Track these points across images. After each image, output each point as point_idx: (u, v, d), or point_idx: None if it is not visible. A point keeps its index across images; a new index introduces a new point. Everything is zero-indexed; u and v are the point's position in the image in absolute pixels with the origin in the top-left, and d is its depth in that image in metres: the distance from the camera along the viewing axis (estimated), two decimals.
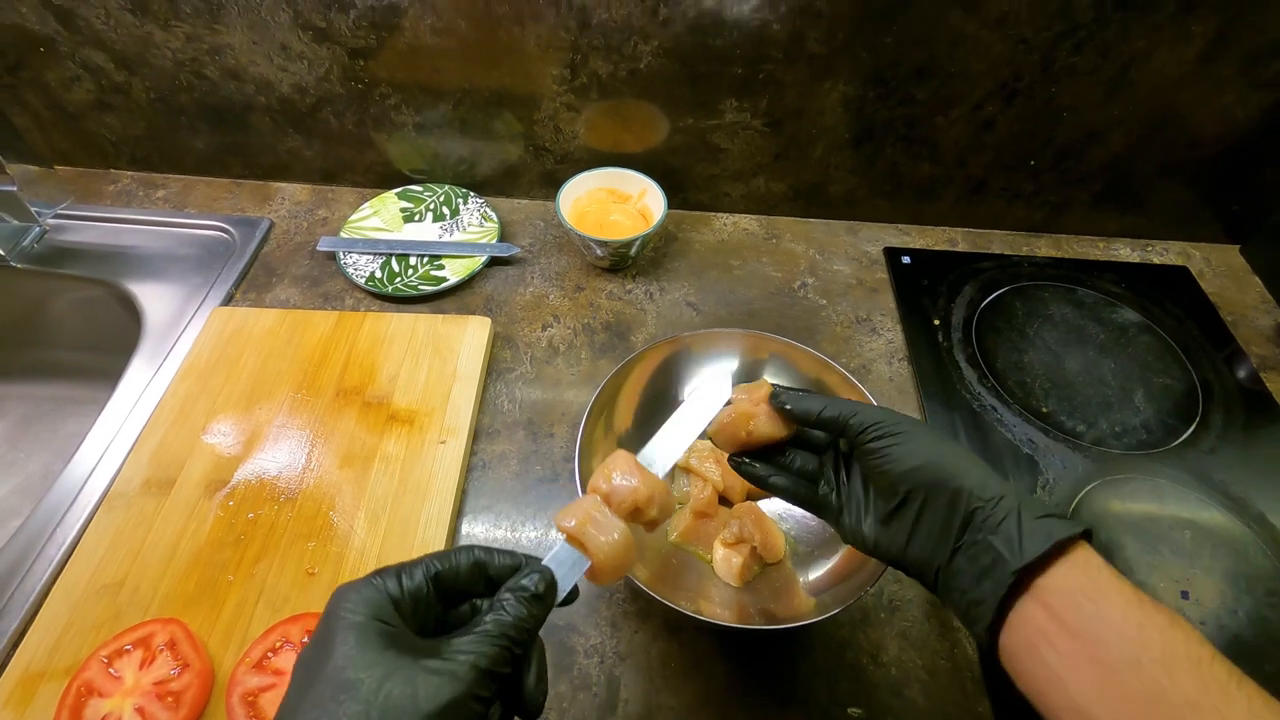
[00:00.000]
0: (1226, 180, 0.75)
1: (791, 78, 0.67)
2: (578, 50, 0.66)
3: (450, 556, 0.31)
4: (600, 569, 0.33)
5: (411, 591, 0.29)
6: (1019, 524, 0.32)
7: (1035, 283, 0.74)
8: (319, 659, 0.26)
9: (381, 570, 0.30)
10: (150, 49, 0.68)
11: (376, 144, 0.76)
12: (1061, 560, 0.31)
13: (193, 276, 0.70)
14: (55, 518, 0.53)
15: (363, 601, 0.27)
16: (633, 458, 0.37)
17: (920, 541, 0.35)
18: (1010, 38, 0.63)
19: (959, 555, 0.33)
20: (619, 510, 0.35)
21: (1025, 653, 0.31)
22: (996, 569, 0.31)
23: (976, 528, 0.33)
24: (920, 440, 0.36)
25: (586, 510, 0.34)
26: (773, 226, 0.80)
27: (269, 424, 0.57)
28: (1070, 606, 0.30)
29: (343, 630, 0.26)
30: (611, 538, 0.34)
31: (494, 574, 0.31)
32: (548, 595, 0.31)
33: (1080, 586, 0.30)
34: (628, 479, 0.36)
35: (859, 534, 0.38)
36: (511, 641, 0.28)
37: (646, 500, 0.35)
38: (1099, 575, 0.30)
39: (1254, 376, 0.67)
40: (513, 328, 0.68)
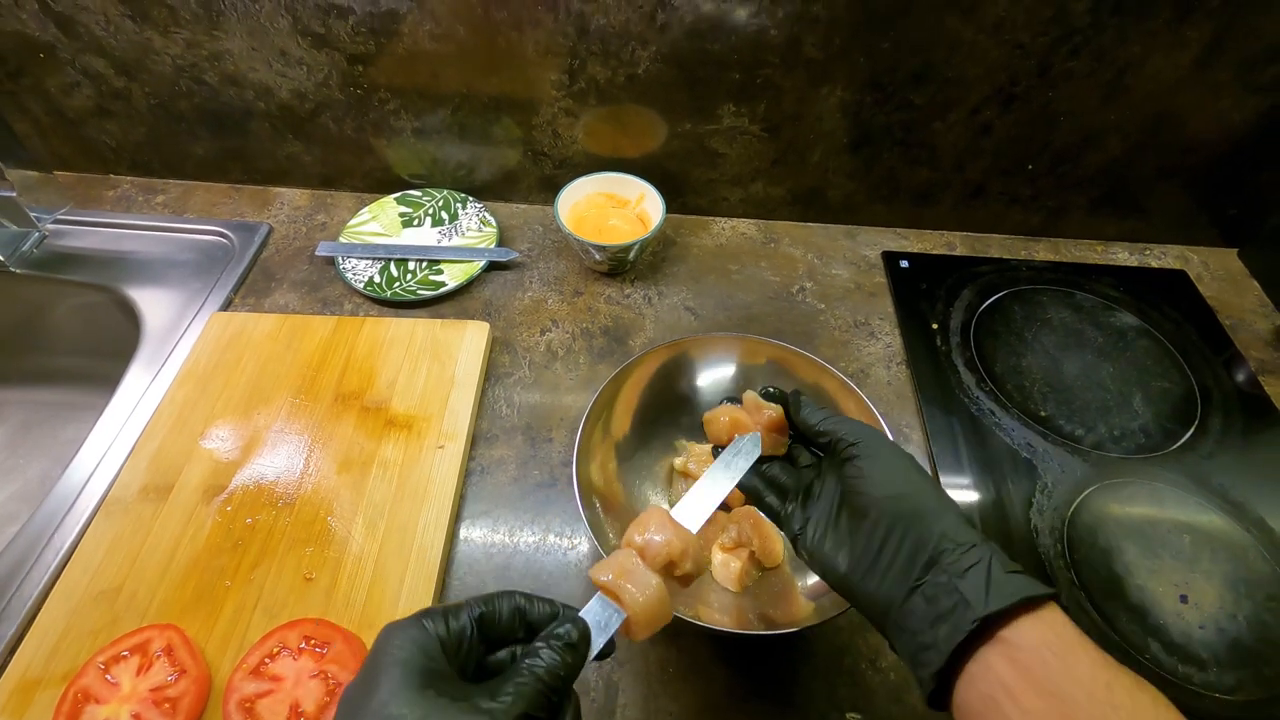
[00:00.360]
0: (1224, 184, 0.75)
1: (789, 83, 0.67)
2: (576, 56, 0.66)
3: (493, 601, 0.32)
4: (635, 622, 0.33)
5: (456, 633, 0.30)
6: (989, 573, 0.30)
7: (1033, 287, 0.74)
8: (364, 694, 0.27)
9: (428, 611, 0.30)
10: (150, 55, 0.68)
11: (375, 149, 0.77)
12: (1028, 615, 0.30)
13: (192, 281, 0.70)
14: (53, 523, 0.53)
15: (410, 641, 0.28)
16: (666, 512, 0.37)
17: (880, 572, 0.34)
18: (1007, 43, 0.63)
19: (916, 594, 0.32)
20: (653, 564, 0.35)
21: (986, 708, 0.29)
22: (957, 613, 0.30)
23: (942, 569, 0.31)
24: (900, 467, 0.36)
25: (621, 564, 0.34)
26: (771, 231, 0.80)
27: (267, 429, 0.57)
28: (1038, 662, 0.28)
29: (388, 667, 0.27)
30: (646, 593, 0.34)
31: (532, 620, 0.32)
32: (581, 645, 0.31)
33: (1047, 642, 0.29)
34: (662, 534, 0.36)
35: (819, 552, 0.37)
36: (548, 689, 0.28)
37: (681, 554, 0.36)
38: (1065, 632, 0.29)
39: (1252, 380, 0.67)
40: (511, 332, 0.68)
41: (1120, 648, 0.49)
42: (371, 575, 0.50)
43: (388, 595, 0.49)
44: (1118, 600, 0.52)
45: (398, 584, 0.49)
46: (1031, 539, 0.55)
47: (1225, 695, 0.47)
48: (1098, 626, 0.50)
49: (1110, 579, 0.53)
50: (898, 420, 0.63)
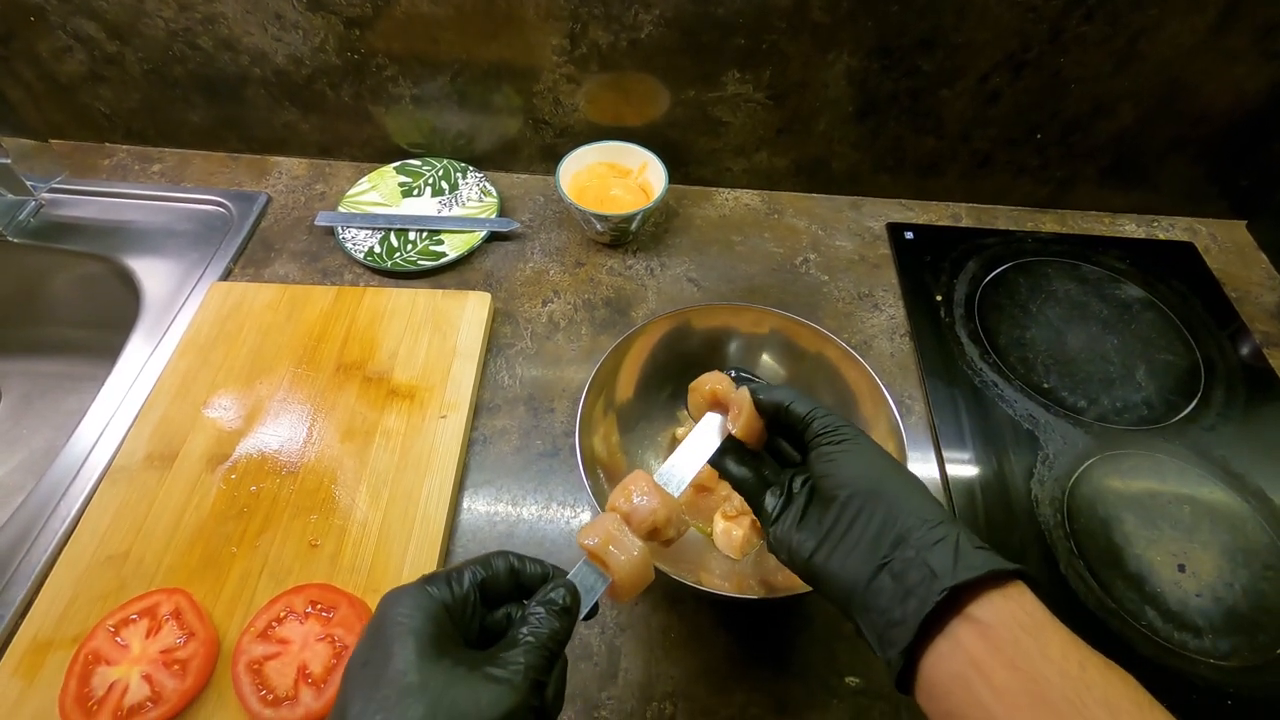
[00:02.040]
0: (1235, 155, 0.74)
1: (795, 49, 0.66)
2: (577, 19, 0.65)
3: (490, 563, 0.32)
4: (620, 586, 0.34)
5: (460, 598, 0.30)
6: (956, 547, 0.30)
7: (1039, 259, 0.74)
8: (378, 664, 0.27)
9: (431, 576, 0.31)
10: (142, 18, 0.67)
11: (374, 117, 0.75)
12: (997, 592, 0.29)
13: (190, 251, 0.70)
14: (59, 492, 0.53)
15: (418, 608, 0.28)
16: (650, 478, 0.38)
17: (846, 551, 0.33)
18: (1019, 6, 0.62)
19: (884, 572, 0.31)
20: (638, 530, 0.36)
21: (955, 685, 0.28)
22: (924, 586, 0.29)
23: (910, 545, 0.31)
24: (871, 453, 0.35)
25: (607, 529, 0.35)
26: (775, 202, 0.79)
27: (270, 399, 0.57)
28: (1009, 639, 0.28)
29: (401, 636, 0.27)
30: (631, 556, 0.34)
31: (524, 581, 0.33)
32: (573, 609, 0.32)
33: (1018, 619, 0.28)
34: (648, 499, 0.36)
35: (787, 539, 0.36)
36: (549, 653, 0.29)
37: (665, 521, 0.36)
38: (1036, 611, 0.29)
39: (1257, 353, 0.67)
40: (513, 303, 0.68)
41: (1117, 615, 0.50)
42: (376, 542, 0.50)
43: (392, 562, 0.49)
44: (1116, 569, 0.52)
45: (402, 551, 0.50)
46: (1032, 509, 0.55)
47: (1220, 661, 0.48)
48: (1095, 594, 0.51)
49: (1109, 548, 0.53)
50: (900, 392, 0.63)
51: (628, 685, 0.46)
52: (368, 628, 0.29)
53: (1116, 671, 0.27)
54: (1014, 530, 0.54)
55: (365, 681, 0.27)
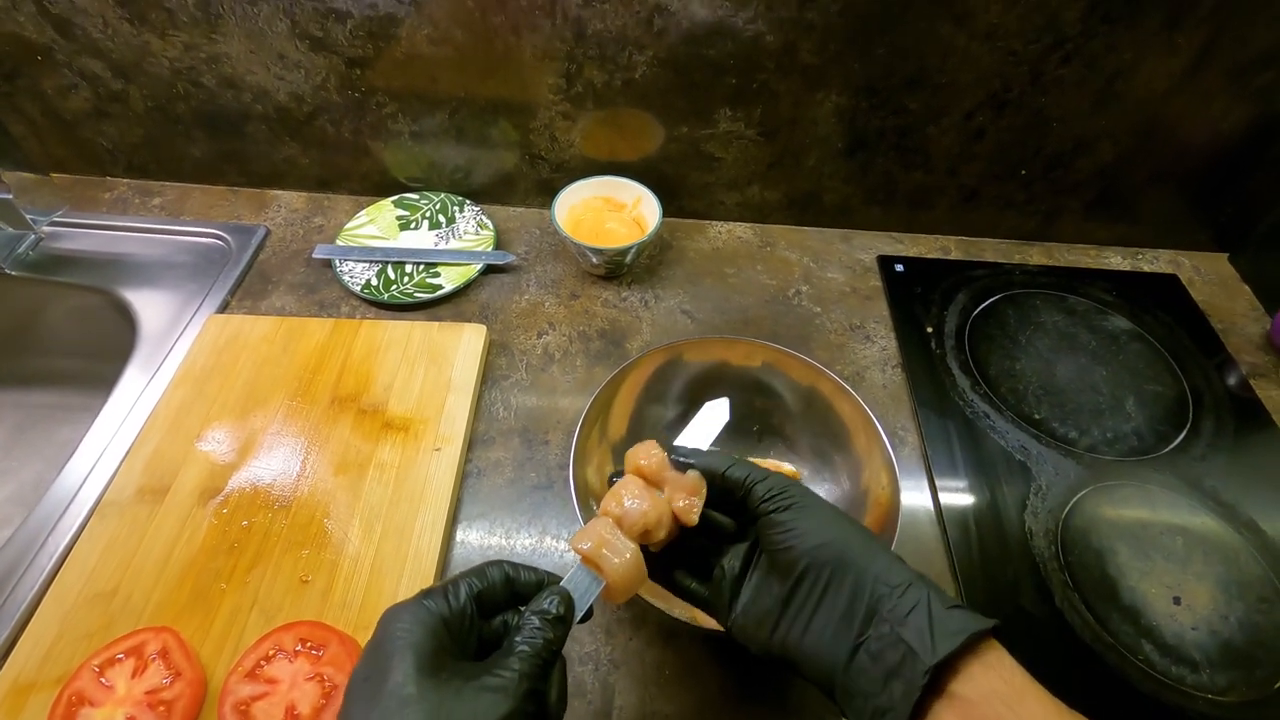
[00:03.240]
0: (1215, 189, 0.75)
1: (785, 88, 0.68)
2: (573, 60, 0.66)
3: (485, 574, 0.33)
4: (615, 589, 0.35)
5: (458, 611, 0.31)
6: (929, 615, 0.29)
7: (1027, 290, 0.75)
8: (378, 678, 0.27)
9: (428, 591, 0.31)
10: (147, 58, 0.69)
11: (373, 152, 0.77)
12: (976, 661, 0.29)
13: (188, 284, 0.70)
14: (48, 526, 0.52)
15: (417, 622, 0.29)
16: (642, 482, 0.38)
17: (818, 631, 0.32)
18: (999, 50, 0.64)
19: (861, 652, 0.31)
20: (630, 532, 0.36)
21: None
22: (906, 667, 0.29)
23: (882, 619, 0.30)
24: (824, 516, 0.34)
25: (600, 534, 0.36)
26: (767, 234, 0.81)
27: (264, 431, 0.57)
28: (990, 715, 0.28)
29: (401, 650, 0.28)
30: (624, 559, 0.35)
31: (520, 589, 0.33)
32: (568, 615, 0.32)
33: (998, 692, 0.28)
34: (638, 502, 0.37)
35: (751, 629, 0.35)
36: (544, 661, 0.30)
37: (656, 523, 0.36)
38: (1014, 678, 0.29)
39: (1244, 383, 0.68)
40: (508, 335, 0.68)
41: (1114, 649, 0.50)
42: (368, 578, 0.50)
43: (384, 598, 0.49)
44: (1111, 602, 0.52)
45: (394, 586, 0.49)
46: (1026, 541, 0.55)
47: (1218, 696, 0.48)
48: (1091, 628, 0.51)
49: (1104, 581, 0.53)
50: (893, 423, 0.63)
51: None
52: (368, 644, 0.30)
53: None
54: (1009, 563, 0.54)
55: (365, 695, 0.27)
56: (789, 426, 0.58)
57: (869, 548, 0.33)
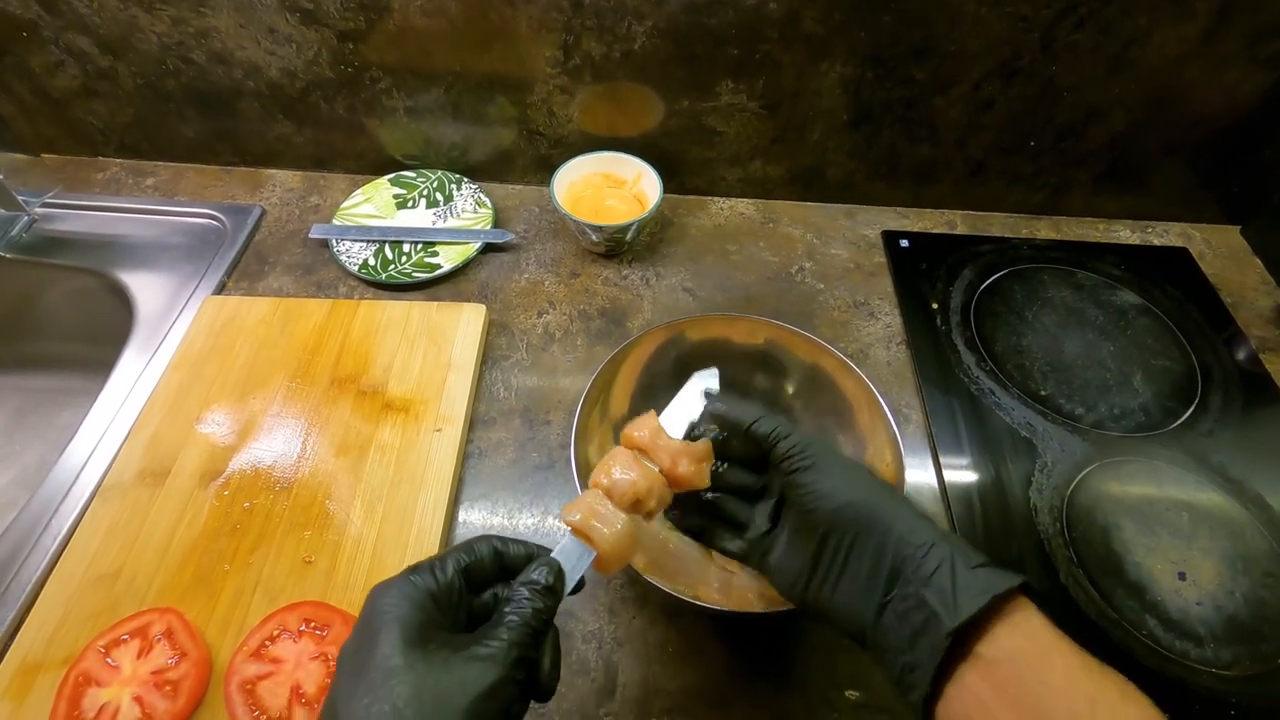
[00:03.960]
0: (1227, 161, 0.74)
1: (789, 58, 0.66)
2: (570, 31, 0.65)
3: (473, 549, 0.33)
4: (605, 559, 0.35)
5: (445, 586, 0.31)
6: (953, 575, 0.30)
7: (1035, 265, 0.74)
8: (365, 651, 0.28)
9: (415, 567, 0.31)
10: (135, 33, 0.67)
11: (368, 129, 0.75)
12: (1001, 621, 0.29)
13: (184, 265, 0.69)
14: (50, 509, 0.52)
15: (403, 597, 0.29)
16: (631, 453, 0.38)
17: (846, 590, 0.33)
18: (1010, 15, 0.62)
19: (888, 611, 0.31)
20: (620, 503, 0.36)
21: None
22: (930, 628, 0.29)
23: (906, 579, 0.31)
24: (846, 476, 0.34)
25: (590, 505, 0.36)
26: (770, 211, 0.79)
27: (263, 413, 0.57)
28: (1013, 676, 0.28)
29: (387, 624, 0.28)
30: (615, 529, 0.35)
31: (509, 563, 0.34)
32: (558, 586, 0.32)
33: (1023, 651, 0.28)
34: (627, 473, 0.37)
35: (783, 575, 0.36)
36: (533, 630, 0.30)
37: (646, 492, 0.37)
38: (1041, 637, 0.29)
39: (1253, 358, 0.67)
40: (508, 315, 0.67)
41: (1119, 625, 0.50)
42: (370, 558, 0.50)
43: (387, 577, 0.49)
44: (1116, 577, 0.52)
45: (397, 567, 0.48)
46: (1031, 517, 0.55)
47: (1222, 670, 0.48)
48: (1096, 604, 0.50)
49: (1109, 556, 0.53)
50: (897, 400, 0.63)
51: (625, 701, 0.46)
52: (358, 620, 0.30)
53: (1132, 704, 0.27)
54: (1013, 539, 0.54)
55: (353, 668, 0.28)
56: (792, 404, 0.58)
57: (893, 507, 0.33)
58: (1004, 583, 0.29)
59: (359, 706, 0.26)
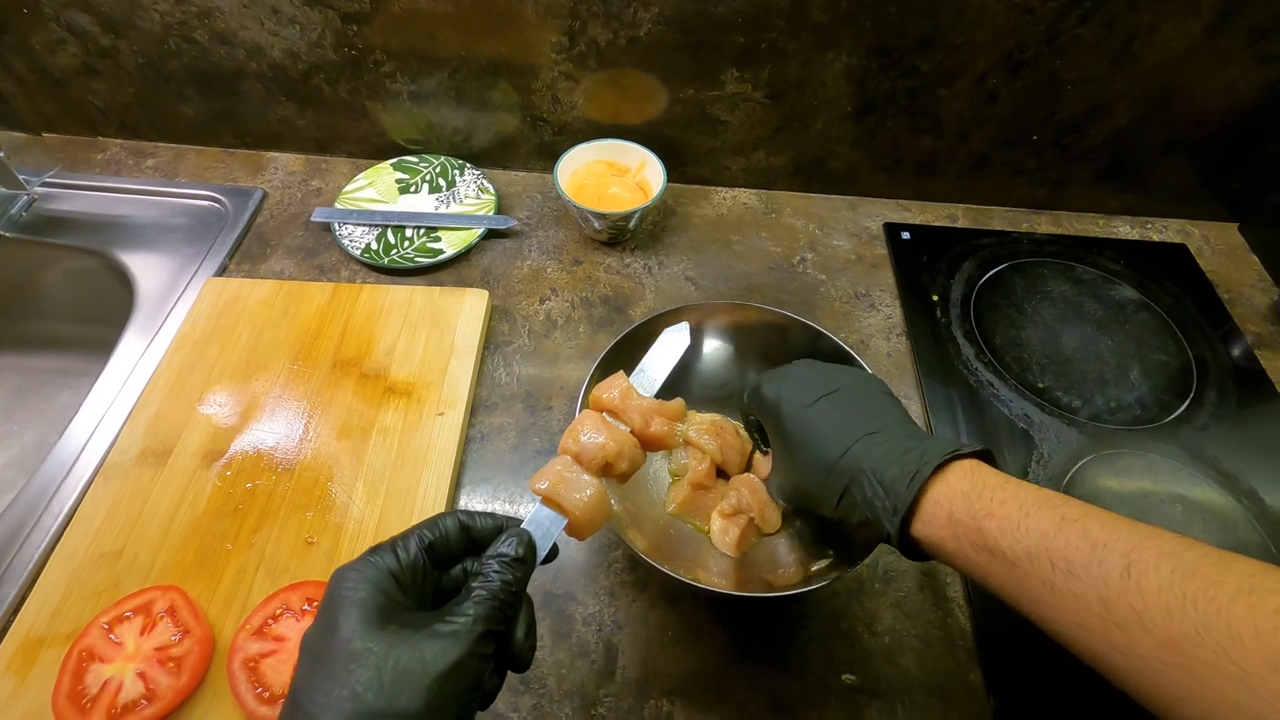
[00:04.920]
0: (1227, 158, 0.74)
1: (794, 47, 0.66)
2: (576, 17, 0.65)
3: (438, 524, 0.32)
4: (577, 524, 0.35)
5: (409, 564, 0.30)
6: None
7: (1035, 259, 0.74)
8: (326, 637, 0.27)
9: (377, 547, 0.31)
10: (137, 11, 0.66)
11: (371, 113, 0.75)
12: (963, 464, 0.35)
13: (185, 247, 0.69)
14: (51, 488, 0.53)
15: (363, 580, 0.28)
16: (599, 415, 0.38)
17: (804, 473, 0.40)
18: (1016, 7, 0.62)
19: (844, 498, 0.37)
20: (590, 467, 0.36)
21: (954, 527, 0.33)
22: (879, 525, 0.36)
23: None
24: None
25: (558, 471, 0.36)
26: (772, 201, 0.80)
27: (265, 395, 0.57)
28: (994, 485, 0.33)
29: (346, 608, 0.27)
30: (585, 494, 0.35)
31: (477, 536, 0.33)
32: (529, 556, 0.32)
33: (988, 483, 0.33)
34: (595, 436, 0.36)
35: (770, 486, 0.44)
36: (502, 604, 0.29)
37: (616, 454, 0.36)
38: (989, 478, 0.34)
39: (1249, 354, 0.67)
40: (510, 301, 0.68)
41: None
42: (372, 539, 0.49)
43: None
44: None
45: None
46: None
47: None
48: None
49: None
50: (897, 391, 0.62)
51: (625, 683, 0.46)
52: (320, 606, 0.29)
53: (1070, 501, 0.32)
54: None
55: (313, 655, 0.27)
56: None
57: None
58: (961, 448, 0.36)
59: (319, 694, 0.25)
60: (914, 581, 0.52)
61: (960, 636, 0.49)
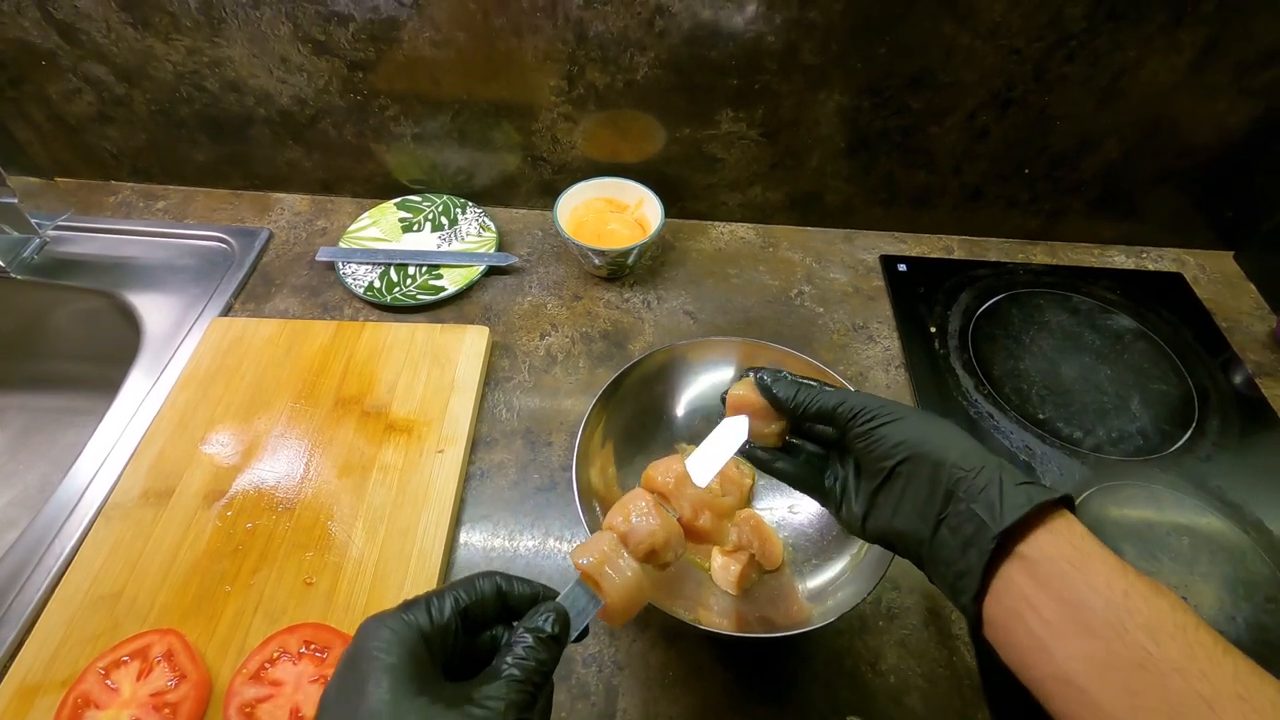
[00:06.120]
0: (1220, 187, 0.75)
1: (787, 88, 0.68)
2: (575, 62, 0.67)
3: (474, 587, 0.31)
4: (613, 610, 0.33)
5: (441, 627, 0.29)
6: (1000, 490, 0.32)
7: (1031, 290, 0.75)
8: (352, 700, 0.26)
9: (410, 603, 0.29)
10: (151, 62, 0.69)
11: (375, 155, 0.77)
12: (1043, 528, 0.31)
13: (192, 287, 0.70)
14: (53, 529, 0.53)
15: (396, 641, 0.27)
16: (652, 498, 0.36)
17: (905, 514, 0.35)
18: (1003, 48, 0.63)
19: (943, 527, 0.33)
20: (636, 551, 0.34)
21: (1010, 620, 0.31)
22: (979, 536, 0.31)
23: (959, 499, 0.33)
24: (907, 421, 0.36)
25: (604, 551, 0.34)
26: (769, 235, 0.81)
27: (268, 434, 0.58)
28: (1055, 573, 0.30)
29: (377, 673, 0.26)
30: (626, 579, 0.33)
31: (513, 603, 0.32)
32: (562, 635, 0.31)
33: (1064, 553, 0.30)
34: (647, 521, 0.35)
35: (852, 516, 0.38)
36: (534, 686, 0.28)
37: (664, 545, 0.35)
38: (1082, 543, 0.31)
39: (1249, 382, 0.67)
40: (511, 337, 0.68)
41: None
42: (372, 579, 0.50)
43: (388, 599, 0.49)
44: None
45: (398, 588, 0.49)
46: None
47: None
48: None
49: None
50: None
51: None
52: (344, 657, 0.28)
53: (1164, 596, 0.28)
54: None
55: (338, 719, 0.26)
56: None
57: (946, 438, 0.35)
58: (1045, 494, 0.31)
59: None
60: (918, 619, 0.51)
61: (967, 675, 0.49)
